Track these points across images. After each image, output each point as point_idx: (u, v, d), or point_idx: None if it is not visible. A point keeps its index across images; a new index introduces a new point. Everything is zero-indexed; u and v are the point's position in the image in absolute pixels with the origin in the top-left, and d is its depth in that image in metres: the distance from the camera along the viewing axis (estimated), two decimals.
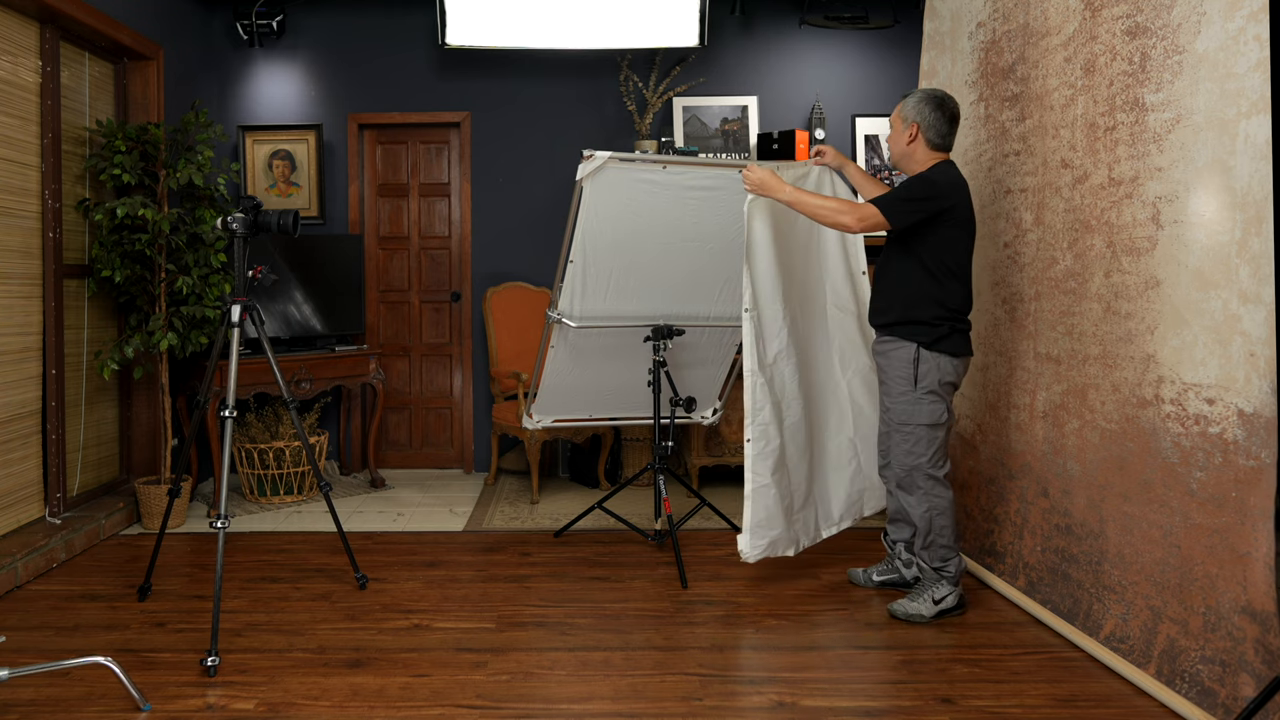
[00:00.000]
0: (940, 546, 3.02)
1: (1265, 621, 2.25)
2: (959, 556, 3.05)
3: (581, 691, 2.53)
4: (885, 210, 2.89)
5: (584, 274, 3.51)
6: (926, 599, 3.02)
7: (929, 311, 2.94)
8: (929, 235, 2.92)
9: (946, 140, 3.00)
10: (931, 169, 2.97)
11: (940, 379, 2.96)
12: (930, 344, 2.93)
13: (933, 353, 2.94)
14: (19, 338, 3.59)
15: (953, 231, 2.93)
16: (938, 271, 2.93)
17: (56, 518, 3.77)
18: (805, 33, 5.13)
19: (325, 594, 3.26)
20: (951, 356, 2.96)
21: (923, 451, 2.99)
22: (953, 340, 2.96)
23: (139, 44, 4.19)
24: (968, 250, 2.99)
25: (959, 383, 3.03)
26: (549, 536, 3.96)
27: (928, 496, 3.00)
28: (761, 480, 3.12)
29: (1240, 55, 2.28)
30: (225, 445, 2.88)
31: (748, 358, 3.12)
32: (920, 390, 2.96)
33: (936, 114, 2.97)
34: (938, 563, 3.03)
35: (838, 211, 2.94)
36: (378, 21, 5.13)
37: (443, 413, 5.34)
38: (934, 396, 2.96)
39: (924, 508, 3.00)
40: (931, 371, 2.95)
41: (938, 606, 3.00)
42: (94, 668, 2.57)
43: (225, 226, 3.11)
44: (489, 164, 5.18)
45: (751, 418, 3.12)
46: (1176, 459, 2.51)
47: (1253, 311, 2.26)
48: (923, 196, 2.90)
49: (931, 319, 2.94)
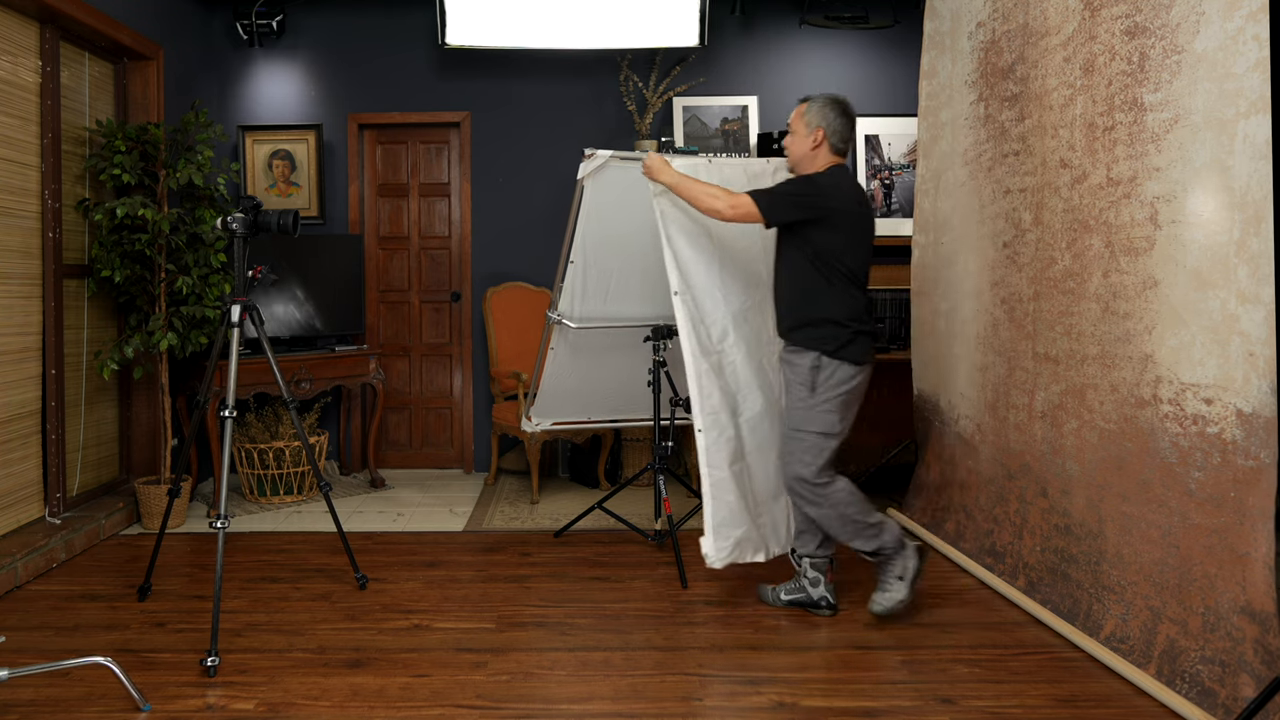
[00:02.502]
0: (862, 531, 2.94)
1: (1265, 622, 2.25)
2: (886, 522, 2.96)
3: (581, 691, 2.53)
4: (760, 202, 2.85)
5: (584, 274, 3.51)
6: (892, 581, 2.95)
7: (826, 315, 2.89)
8: (817, 239, 2.88)
9: (846, 145, 2.99)
10: (822, 172, 2.94)
11: (840, 388, 2.90)
12: (833, 351, 2.89)
13: (834, 360, 2.89)
14: (19, 338, 3.60)
15: (837, 236, 2.87)
16: (833, 277, 2.89)
17: (56, 518, 3.77)
18: (805, 33, 5.13)
19: (325, 594, 3.26)
20: (853, 364, 2.91)
21: (810, 460, 2.91)
22: (855, 347, 2.90)
23: (139, 44, 4.19)
24: (860, 257, 2.93)
25: (859, 393, 2.97)
26: (549, 536, 3.96)
27: (825, 499, 2.92)
28: (719, 473, 3.02)
29: (1239, 55, 2.28)
30: (225, 445, 2.88)
31: (686, 342, 3.04)
32: (818, 398, 2.90)
33: (841, 119, 2.94)
34: (873, 544, 2.95)
35: (713, 196, 2.90)
36: (378, 21, 5.13)
37: (443, 413, 5.34)
38: (830, 406, 2.90)
39: (822, 510, 2.93)
40: (830, 379, 2.89)
41: (904, 581, 2.94)
42: (94, 668, 2.57)
43: (225, 226, 3.11)
44: (489, 164, 5.18)
45: (700, 405, 3.02)
46: (1175, 459, 2.51)
47: (1251, 311, 2.26)
48: (800, 194, 2.86)
49: (829, 324, 2.89)
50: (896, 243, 4.91)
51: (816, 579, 3.09)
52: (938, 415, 3.97)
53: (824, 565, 3.10)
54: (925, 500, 3.98)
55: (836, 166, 2.97)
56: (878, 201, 5.12)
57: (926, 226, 4.09)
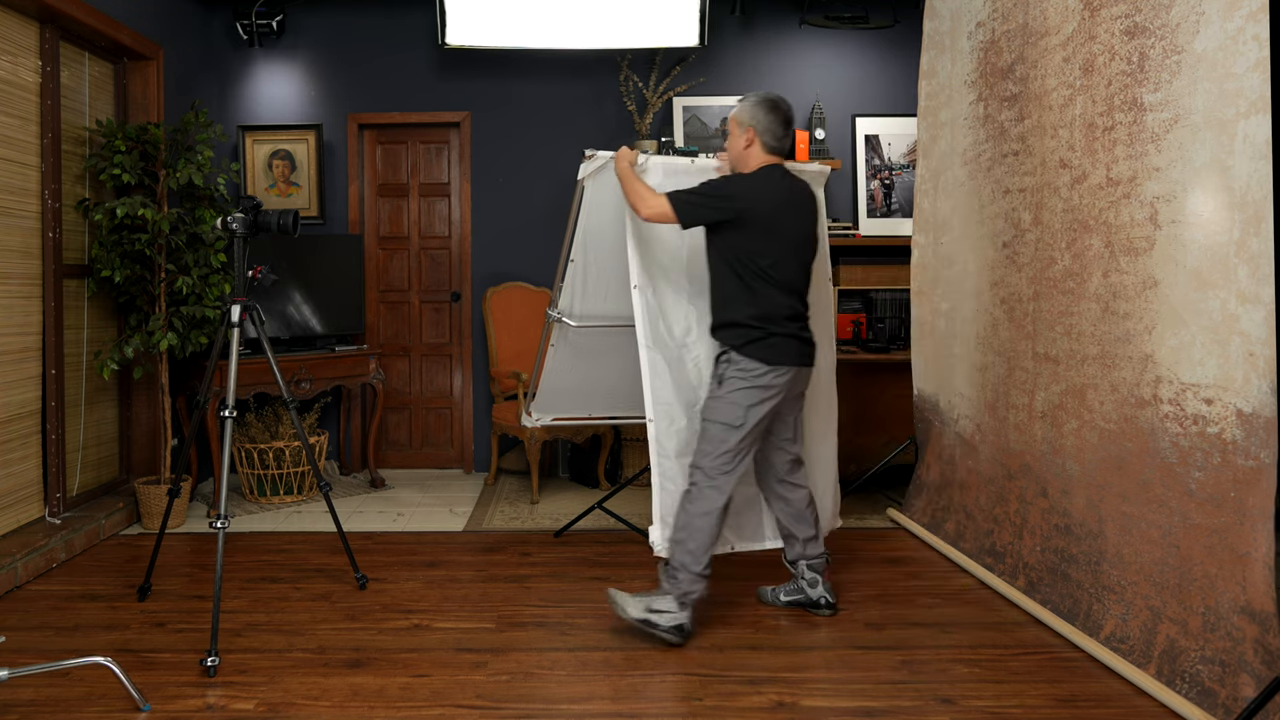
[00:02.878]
0: (686, 550, 2.83)
1: (1265, 622, 2.25)
2: (700, 581, 2.82)
3: (581, 691, 2.53)
4: (674, 204, 2.83)
5: (584, 273, 3.51)
6: (642, 602, 2.82)
7: (739, 315, 2.88)
8: (733, 241, 2.86)
9: (782, 143, 2.94)
10: (750, 173, 2.92)
11: (744, 380, 2.86)
12: (739, 346, 2.87)
13: (741, 355, 2.86)
14: (19, 338, 3.60)
15: (752, 238, 2.84)
16: (746, 276, 2.86)
17: (56, 518, 3.77)
18: (805, 33, 5.13)
19: (325, 594, 3.26)
20: (762, 363, 2.85)
21: (710, 450, 2.86)
22: (764, 346, 2.85)
23: (139, 44, 4.19)
24: (782, 258, 2.87)
25: (776, 395, 2.88)
26: (549, 536, 3.96)
27: (699, 497, 2.85)
28: (667, 463, 3.01)
29: (1239, 55, 2.28)
30: (225, 445, 2.88)
31: (640, 334, 3.05)
32: (725, 390, 2.88)
33: (770, 117, 2.90)
34: (678, 562, 2.84)
35: (638, 196, 2.90)
36: (378, 21, 5.13)
37: (443, 413, 5.34)
38: (734, 398, 2.86)
39: (691, 506, 2.85)
40: (737, 375, 2.86)
41: (647, 614, 2.80)
42: (94, 668, 2.57)
43: (225, 226, 3.11)
44: (489, 164, 5.18)
45: (651, 395, 3.03)
46: (1175, 459, 2.51)
47: (1251, 311, 2.26)
48: (710, 194, 2.85)
49: (741, 323, 2.87)
50: (896, 243, 4.91)
51: (814, 579, 3.08)
52: (938, 415, 3.97)
53: (820, 565, 3.09)
54: (925, 500, 3.98)
55: (770, 166, 2.93)
56: (878, 201, 5.12)
57: (926, 226, 4.09)
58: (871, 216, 5.12)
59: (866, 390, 4.63)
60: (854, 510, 4.31)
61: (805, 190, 3.00)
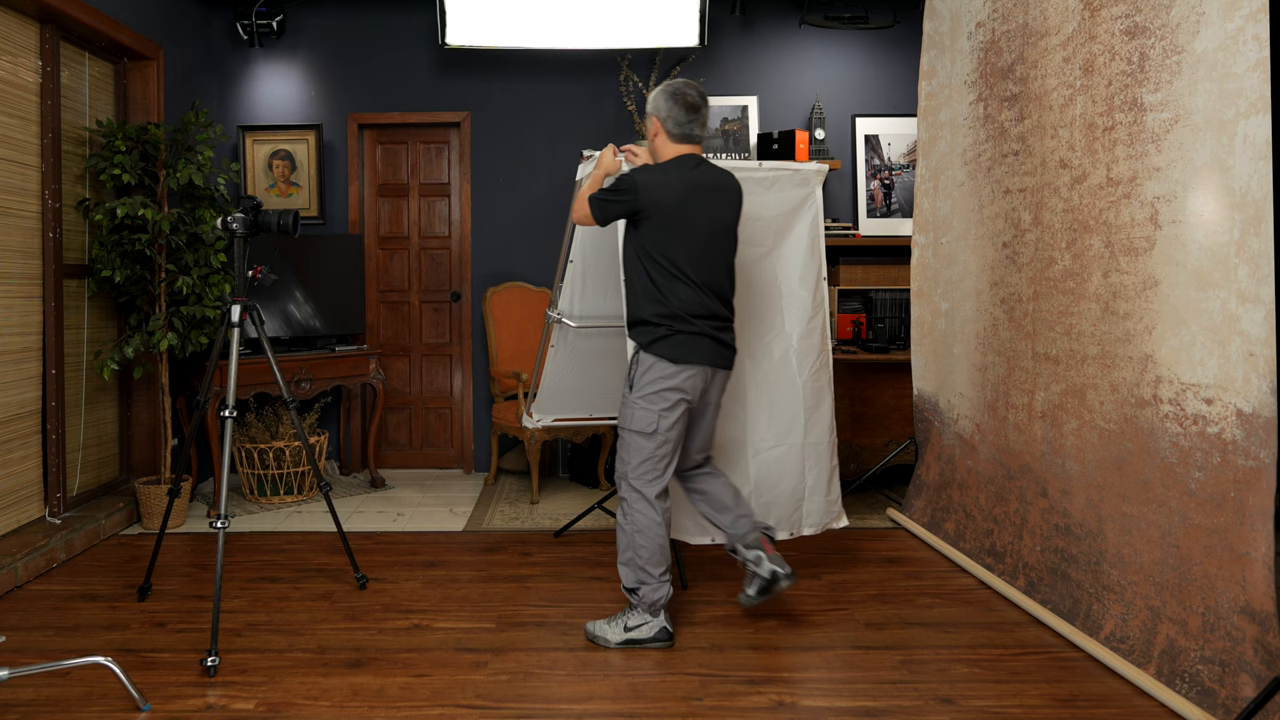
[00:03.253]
0: (638, 567, 2.79)
1: (1264, 622, 2.25)
2: (663, 585, 2.80)
3: (581, 691, 2.53)
4: (591, 204, 2.80)
5: (584, 274, 3.51)
6: (618, 624, 2.82)
7: (648, 311, 2.79)
8: (641, 235, 2.78)
9: (686, 130, 2.82)
10: (660, 164, 2.83)
11: (657, 385, 2.76)
12: (647, 345, 2.79)
13: (650, 354, 2.78)
14: (19, 338, 3.60)
15: (659, 231, 2.76)
16: (654, 271, 2.77)
17: (56, 518, 3.77)
18: (805, 33, 5.13)
19: (325, 594, 3.26)
20: (670, 362, 2.76)
21: (629, 459, 2.80)
22: (671, 344, 2.76)
23: (139, 44, 4.19)
24: (691, 252, 2.77)
25: (688, 396, 2.79)
26: (549, 536, 3.96)
27: (631, 511, 2.80)
28: None
29: (1239, 55, 2.28)
30: (225, 445, 2.88)
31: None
32: (636, 394, 2.79)
33: (671, 104, 2.80)
34: (632, 583, 2.81)
35: (578, 201, 2.89)
36: (377, 21, 5.13)
37: (443, 413, 5.34)
38: (647, 403, 2.77)
39: (626, 522, 2.81)
40: (647, 375, 2.78)
41: (627, 634, 2.79)
42: (94, 668, 2.57)
43: (225, 226, 3.11)
44: (489, 164, 5.18)
45: None
46: (1175, 459, 2.51)
47: (1251, 311, 2.26)
48: (617, 189, 2.77)
49: (650, 321, 2.79)
50: (896, 243, 4.91)
51: (757, 557, 2.88)
52: (938, 415, 3.97)
53: (755, 540, 2.90)
54: (925, 500, 3.98)
55: (682, 156, 2.83)
56: (877, 201, 5.12)
57: (926, 226, 4.09)
58: (871, 216, 5.12)
59: (866, 390, 4.63)
60: (854, 510, 4.32)
61: (725, 182, 2.89)
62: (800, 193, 3.36)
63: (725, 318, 2.87)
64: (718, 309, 2.83)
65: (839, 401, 4.61)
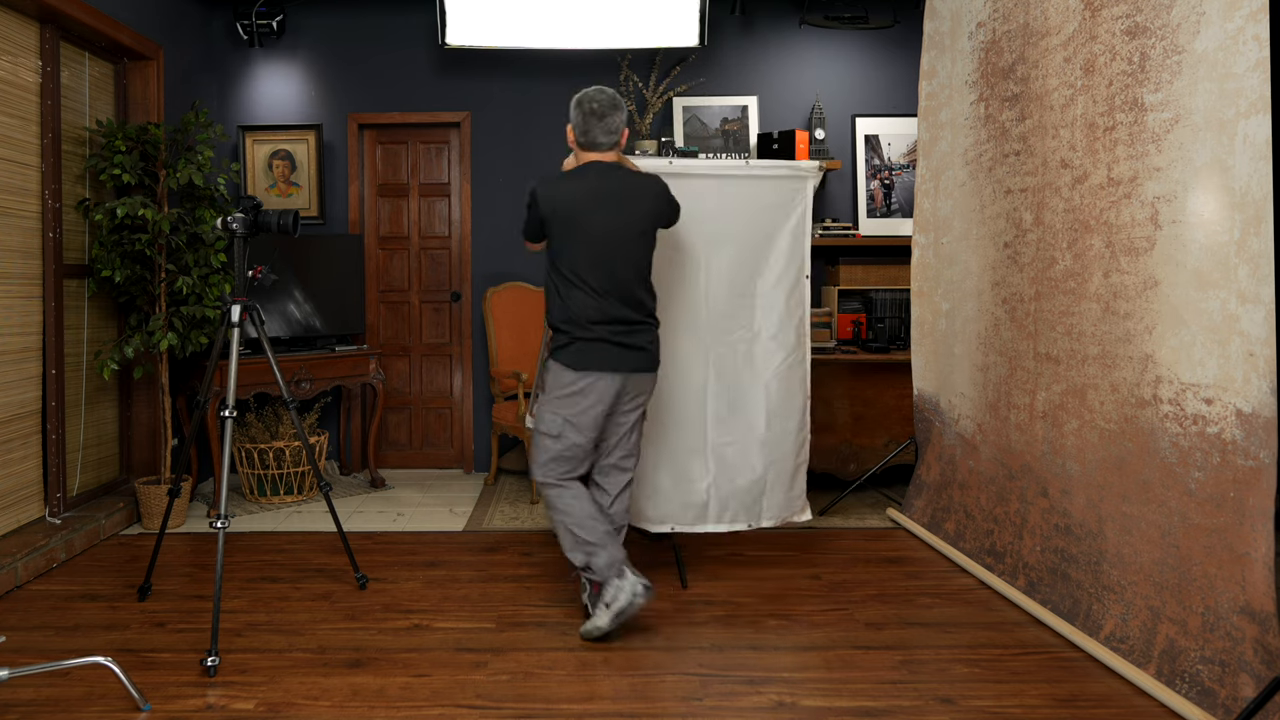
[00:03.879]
0: (579, 543, 2.86)
1: (1264, 622, 2.25)
2: (608, 547, 2.83)
3: (581, 691, 2.53)
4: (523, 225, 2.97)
5: None
6: (600, 606, 2.83)
7: (556, 319, 2.88)
8: (551, 245, 2.88)
9: (590, 137, 2.87)
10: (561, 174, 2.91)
11: (559, 390, 2.85)
12: (553, 352, 2.89)
13: (554, 361, 2.88)
14: (19, 338, 3.60)
15: (560, 240, 2.83)
16: (557, 279, 2.86)
17: (56, 518, 3.77)
18: (805, 33, 5.13)
19: (325, 594, 3.26)
20: (571, 369, 2.82)
21: (536, 457, 2.92)
22: (572, 351, 2.82)
23: (139, 44, 4.19)
24: (590, 258, 2.80)
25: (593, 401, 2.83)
26: (549, 536, 3.95)
27: (551, 501, 2.90)
28: None
29: (1239, 55, 2.29)
30: (225, 445, 2.88)
31: None
32: (545, 397, 2.92)
33: (575, 112, 2.88)
34: (581, 562, 2.87)
35: None
36: (377, 21, 5.13)
37: (443, 413, 5.34)
38: (552, 406, 2.87)
39: (552, 514, 2.91)
40: (552, 379, 2.88)
41: (610, 610, 2.79)
42: (94, 668, 2.57)
43: (225, 226, 3.11)
44: (489, 164, 5.18)
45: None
46: (1175, 459, 2.51)
47: (1251, 311, 2.26)
48: (526, 206, 2.92)
49: (556, 327, 2.88)
50: (896, 243, 4.91)
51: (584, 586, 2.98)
52: (938, 415, 3.97)
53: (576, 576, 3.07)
54: (925, 500, 3.98)
55: (586, 164, 2.90)
56: (877, 201, 5.12)
57: (926, 226, 4.09)
58: (871, 216, 5.12)
59: (866, 390, 4.63)
60: (854, 510, 4.32)
61: (637, 186, 2.88)
62: (791, 186, 3.38)
63: (632, 321, 2.87)
64: (622, 313, 2.84)
65: (839, 401, 4.61)
